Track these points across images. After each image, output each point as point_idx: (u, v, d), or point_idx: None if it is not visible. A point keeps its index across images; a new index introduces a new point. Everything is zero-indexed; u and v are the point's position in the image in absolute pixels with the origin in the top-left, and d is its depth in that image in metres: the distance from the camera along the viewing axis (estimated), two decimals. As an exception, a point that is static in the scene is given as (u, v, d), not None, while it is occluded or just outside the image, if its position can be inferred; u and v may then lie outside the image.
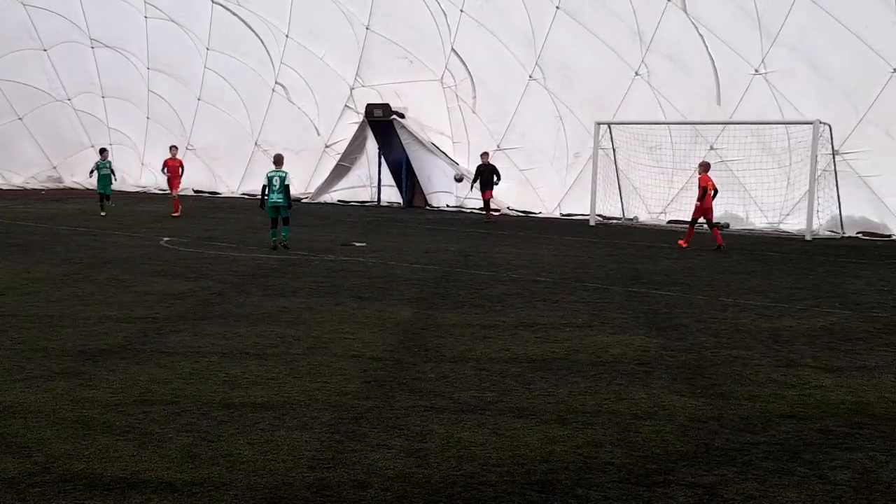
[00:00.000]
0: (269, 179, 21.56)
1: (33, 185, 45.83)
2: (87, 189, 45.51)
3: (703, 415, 8.63)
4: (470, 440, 7.72)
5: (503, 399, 9.06)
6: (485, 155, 33.21)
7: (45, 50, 44.47)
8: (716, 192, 24.99)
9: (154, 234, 24.82)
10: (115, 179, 33.70)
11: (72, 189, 45.34)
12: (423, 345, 11.64)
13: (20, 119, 44.19)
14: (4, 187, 42.85)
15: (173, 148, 33.62)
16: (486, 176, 33.00)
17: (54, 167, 45.43)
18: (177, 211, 31.75)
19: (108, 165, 32.62)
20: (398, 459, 7.20)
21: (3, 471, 6.75)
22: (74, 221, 28.08)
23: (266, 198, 21.71)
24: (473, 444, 7.61)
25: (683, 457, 7.44)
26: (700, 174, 25.00)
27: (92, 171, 32.92)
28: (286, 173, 21.74)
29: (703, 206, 24.63)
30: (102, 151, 33.48)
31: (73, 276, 17.05)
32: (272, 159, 22.55)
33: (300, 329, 12.40)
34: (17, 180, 45.59)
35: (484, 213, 33.69)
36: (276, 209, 21.62)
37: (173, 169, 32.80)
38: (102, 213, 30.85)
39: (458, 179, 29.38)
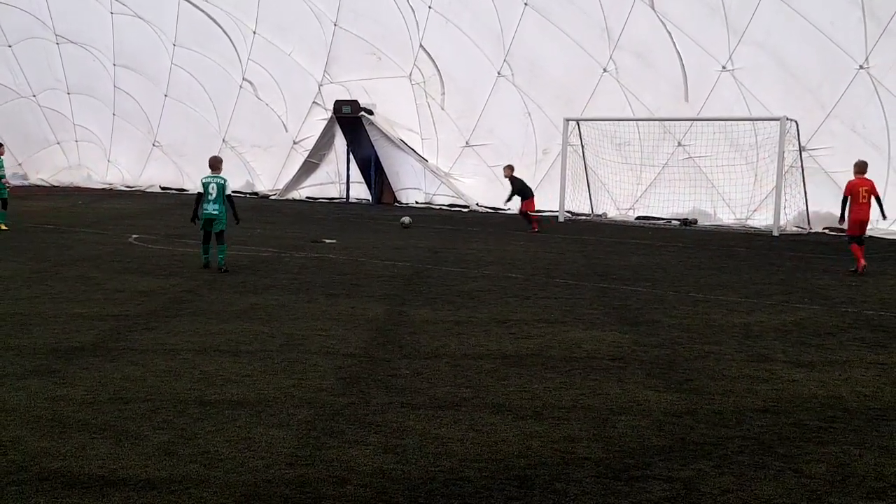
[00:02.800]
0: (205, 186, 17.94)
1: (-2, 182, 45.43)
2: (53, 186, 45.24)
3: (678, 409, 8.69)
4: (447, 436, 7.74)
5: (479, 395, 9.08)
6: (509, 168, 29.05)
7: (10, 46, 44.11)
8: (878, 199, 20.15)
9: (122, 232, 24.67)
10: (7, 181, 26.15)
11: (38, 186, 44.98)
12: (397, 341, 11.64)
13: (-16, 115, 43.88)
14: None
15: None
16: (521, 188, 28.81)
17: (19, 164, 44.98)
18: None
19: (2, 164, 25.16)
20: (376, 456, 7.21)
21: (-20, 470, 6.72)
22: (41, 219, 27.84)
23: (202, 209, 18.11)
24: (451, 440, 7.63)
25: (660, 451, 7.49)
26: (855, 177, 20.45)
27: None
28: (224, 179, 18.15)
29: (853, 216, 19.97)
30: None
31: (41, 273, 16.92)
32: (209, 163, 18.57)
33: (273, 326, 12.37)
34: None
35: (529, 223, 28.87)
36: (211, 221, 17.96)
37: None
38: (4, 227, 24.33)
39: (406, 226, 28.31)
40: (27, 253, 19.81)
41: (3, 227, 23.96)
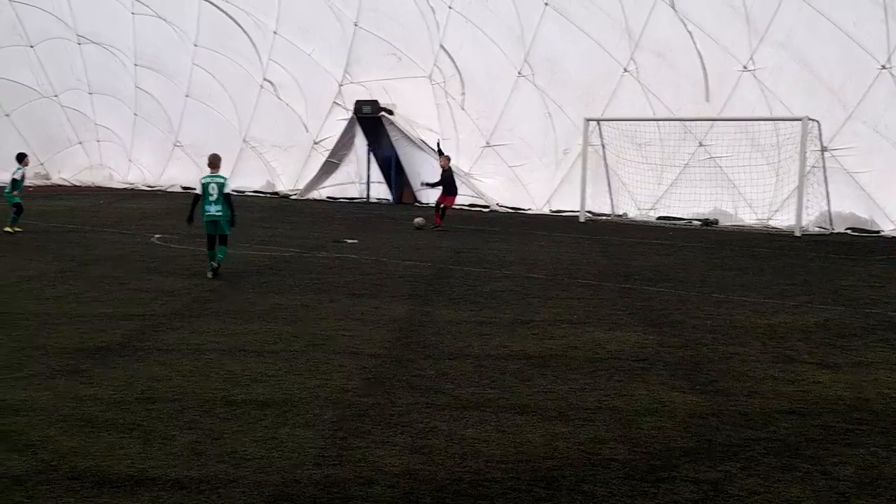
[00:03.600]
0: (205, 187, 16.95)
1: (20, 181, 45.59)
2: (75, 185, 45.42)
3: (704, 411, 8.68)
4: (473, 437, 7.75)
5: (504, 396, 9.09)
6: (446, 159, 29.09)
7: (32, 46, 44.26)
8: None
9: (145, 231, 24.76)
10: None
11: (60, 186, 45.16)
12: (421, 341, 11.66)
13: (7, 116, 43.94)
14: (-9, 184, 42.63)
15: None
16: (449, 181, 28.52)
17: (41, 164, 45.11)
18: None
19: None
20: (403, 456, 7.23)
21: (10, 469, 6.76)
22: (64, 219, 27.99)
23: (202, 210, 17.08)
24: (477, 441, 7.64)
25: (686, 453, 7.48)
26: None
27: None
28: (225, 179, 17.20)
29: None
30: (22, 157, 25.61)
31: (66, 273, 17.02)
32: (207, 161, 17.77)
33: (297, 326, 12.41)
34: (3, 176, 45.33)
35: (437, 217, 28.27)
36: (213, 224, 16.94)
37: None
38: (19, 229, 23.95)
39: (419, 227, 27.97)
40: (51, 253, 19.92)
41: (18, 230, 23.85)
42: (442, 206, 28.16)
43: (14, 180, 24.29)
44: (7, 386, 8.99)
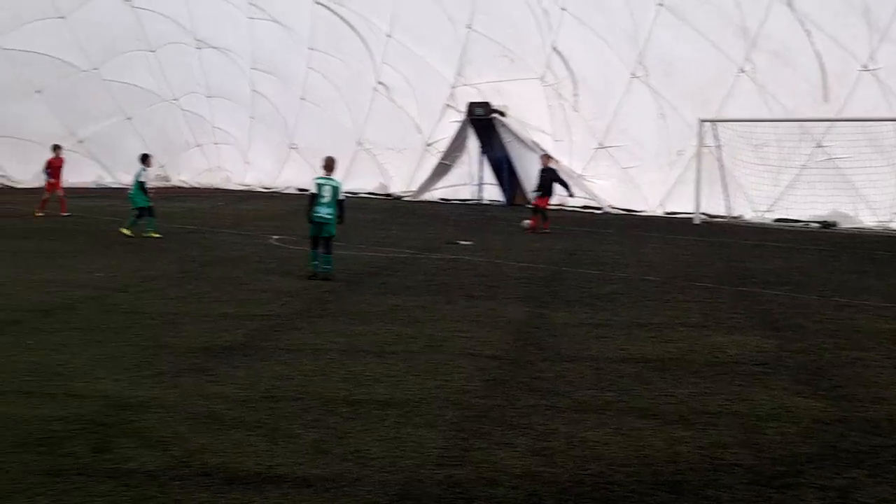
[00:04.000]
0: (319, 187, 16.83)
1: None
2: (194, 187, 46.40)
3: (828, 417, 8.54)
4: (594, 440, 7.74)
5: (623, 399, 9.06)
6: (545, 157, 29.27)
7: (153, 51, 45.32)
8: None
9: (262, 233, 25.16)
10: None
11: (179, 188, 46.16)
12: (538, 343, 11.68)
13: (129, 119, 45.05)
14: (114, 185, 43.68)
15: (57, 147, 30.88)
16: (546, 181, 28.10)
17: (161, 166, 46.09)
18: (64, 209, 29.45)
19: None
20: (525, 458, 7.25)
21: (144, 464, 6.94)
22: (184, 220, 28.59)
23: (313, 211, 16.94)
24: (598, 444, 7.63)
25: (811, 459, 7.38)
26: None
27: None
28: (339, 184, 17.15)
29: None
30: (146, 158, 25.26)
31: (188, 273, 17.39)
32: (322, 164, 17.57)
33: (415, 327, 12.51)
34: (126, 179, 46.46)
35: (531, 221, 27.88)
36: (321, 225, 16.86)
37: (56, 169, 30.20)
38: (156, 234, 23.61)
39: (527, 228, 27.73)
40: (173, 254, 20.35)
41: (155, 234, 23.62)
42: (537, 207, 27.98)
43: (140, 182, 24.42)
44: (136, 383, 9.23)
